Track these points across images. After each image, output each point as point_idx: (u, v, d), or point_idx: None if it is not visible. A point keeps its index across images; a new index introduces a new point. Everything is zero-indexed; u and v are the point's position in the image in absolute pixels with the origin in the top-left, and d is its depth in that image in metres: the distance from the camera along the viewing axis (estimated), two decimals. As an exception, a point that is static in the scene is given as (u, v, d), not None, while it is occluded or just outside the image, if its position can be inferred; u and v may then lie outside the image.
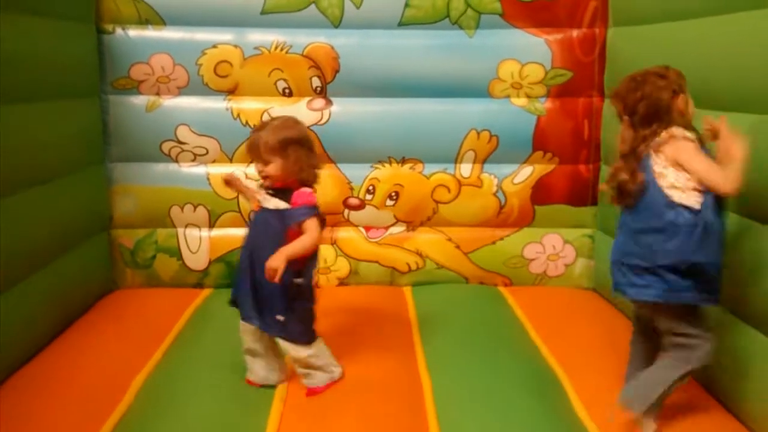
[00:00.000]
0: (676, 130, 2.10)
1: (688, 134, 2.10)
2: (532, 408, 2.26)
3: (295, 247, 2.29)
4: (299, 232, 2.33)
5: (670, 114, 2.12)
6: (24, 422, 2.19)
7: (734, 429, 2.18)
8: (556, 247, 3.57)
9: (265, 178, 2.37)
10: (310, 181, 2.43)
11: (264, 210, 2.40)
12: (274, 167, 2.33)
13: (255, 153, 2.36)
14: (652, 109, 2.12)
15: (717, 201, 2.04)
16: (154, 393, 2.43)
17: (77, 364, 2.63)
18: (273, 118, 2.48)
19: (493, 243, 3.56)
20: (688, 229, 2.02)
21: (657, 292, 2.08)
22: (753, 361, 2.16)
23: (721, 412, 2.29)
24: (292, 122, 2.43)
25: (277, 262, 2.21)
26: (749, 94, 2.25)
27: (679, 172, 2.06)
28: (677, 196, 2.05)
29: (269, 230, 2.36)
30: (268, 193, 2.39)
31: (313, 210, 2.38)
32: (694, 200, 2.03)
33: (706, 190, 2.02)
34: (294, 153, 2.34)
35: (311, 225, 2.35)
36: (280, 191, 2.37)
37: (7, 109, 2.51)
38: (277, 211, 2.36)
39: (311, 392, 2.40)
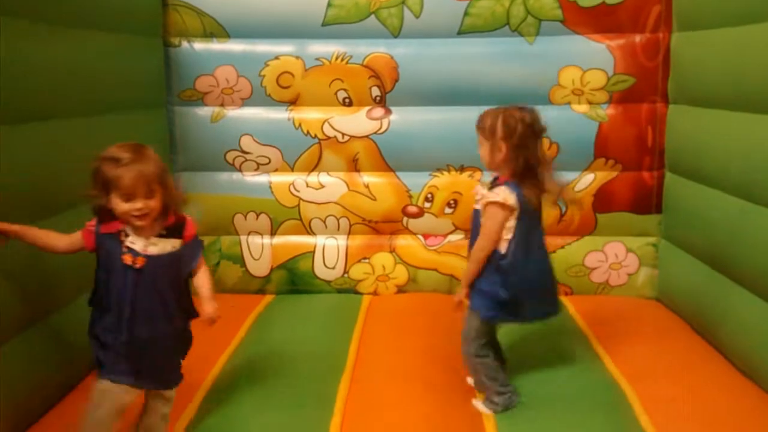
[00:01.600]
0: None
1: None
2: (596, 421, 2.23)
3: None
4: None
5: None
6: None
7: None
8: (619, 256, 3.51)
9: (145, 215, 1.96)
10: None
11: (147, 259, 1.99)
12: (156, 201, 1.98)
13: (142, 187, 1.94)
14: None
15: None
16: (218, 397, 2.49)
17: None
18: (119, 149, 1.99)
19: (554, 251, 3.51)
20: None
21: None
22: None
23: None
24: (145, 149, 2.04)
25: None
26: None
27: None
28: None
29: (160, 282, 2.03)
30: (159, 236, 2.04)
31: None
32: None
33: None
34: (169, 179, 2.07)
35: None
36: (168, 228, 2.07)
37: (80, 122, 2.62)
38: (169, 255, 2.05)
39: None
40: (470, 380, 2.54)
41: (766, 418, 2.26)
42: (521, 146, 2.32)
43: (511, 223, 2.33)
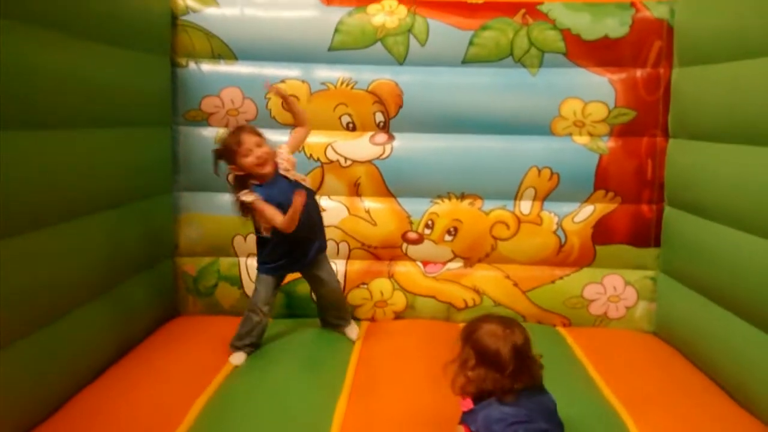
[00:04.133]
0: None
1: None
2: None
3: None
4: None
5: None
6: None
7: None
8: (617, 289, 3.51)
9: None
10: None
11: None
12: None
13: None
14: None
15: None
16: (213, 417, 2.46)
17: (137, 387, 2.66)
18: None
19: (553, 282, 3.52)
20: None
21: None
22: None
23: None
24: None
25: None
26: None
27: None
28: None
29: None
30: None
31: None
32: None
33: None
34: None
35: None
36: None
37: (83, 133, 2.63)
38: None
39: None
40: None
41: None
42: None
43: None
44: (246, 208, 2.97)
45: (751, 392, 2.53)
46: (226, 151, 2.97)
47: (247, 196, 2.94)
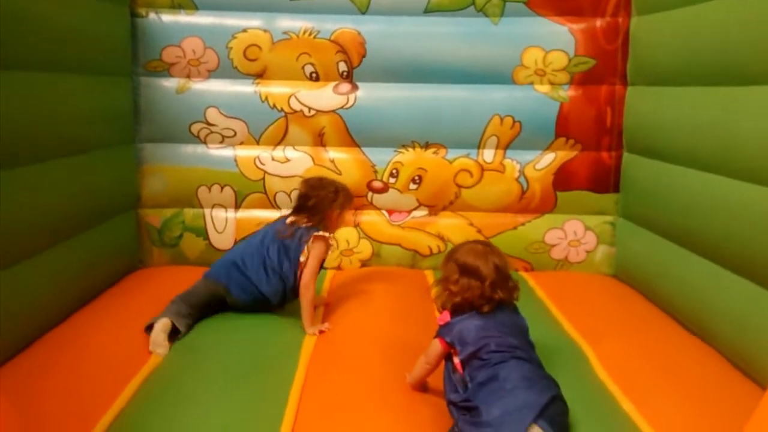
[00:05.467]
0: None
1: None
2: (556, 373, 2.27)
3: None
4: None
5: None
6: (42, 388, 2.19)
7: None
8: (578, 234, 3.60)
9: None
10: None
11: None
12: None
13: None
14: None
15: None
16: (179, 358, 2.47)
17: (102, 331, 2.66)
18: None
19: (515, 228, 3.59)
20: None
21: None
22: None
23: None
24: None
25: None
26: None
27: None
28: None
29: None
30: None
31: None
32: None
33: None
34: None
35: None
36: None
37: (41, 76, 2.59)
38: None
39: None
40: None
41: (711, 367, 2.38)
42: None
43: None
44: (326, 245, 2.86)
45: (705, 323, 2.62)
46: (340, 199, 2.90)
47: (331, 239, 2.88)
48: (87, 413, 2.04)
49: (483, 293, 2.10)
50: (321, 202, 2.85)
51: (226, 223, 3.58)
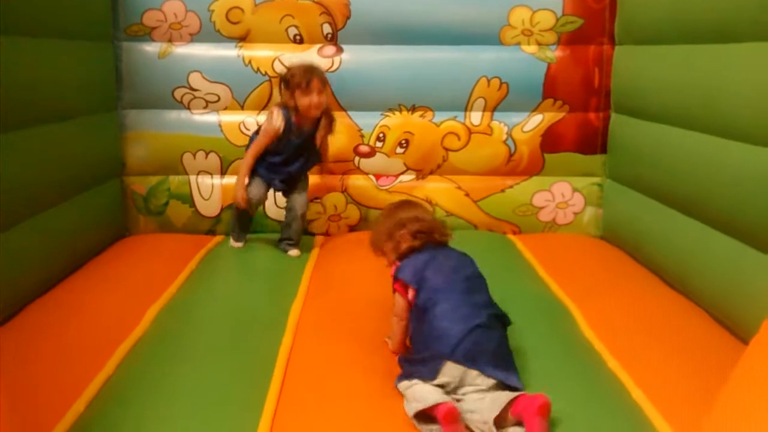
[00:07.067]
0: None
1: None
2: (542, 331, 2.30)
3: None
4: None
5: None
6: (31, 354, 2.17)
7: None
8: (565, 196, 3.59)
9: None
10: None
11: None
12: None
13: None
14: None
15: None
16: (168, 322, 2.46)
17: (90, 298, 2.65)
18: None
19: (503, 191, 3.58)
20: None
21: None
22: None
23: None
24: None
25: None
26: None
27: None
28: None
29: None
30: None
31: None
32: None
33: None
34: None
35: None
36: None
37: (17, 42, 2.52)
38: None
39: None
40: None
41: (695, 324, 2.41)
42: None
43: None
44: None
45: (690, 281, 2.64)
46: (290, 82, 3.07)
47: (277, 120, 3.10)
48: (76, 379, 2.02)
49: (413, 232, 2.20)
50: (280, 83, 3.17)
51: (212, 190, 3.55)
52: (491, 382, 1.84)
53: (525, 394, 1.77)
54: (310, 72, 3.09)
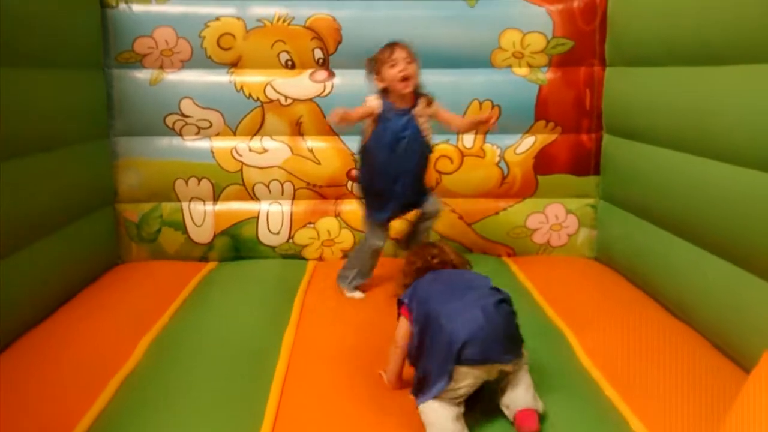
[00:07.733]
0: None
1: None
2: (539, 359, 2.27)
3: None
4: None
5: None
6: (24, 386, 2.16)
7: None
8: (559, 217, 3.59)
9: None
10: None
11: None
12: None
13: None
14: None
15: None
16: (160, 352, 2.44)
17: (83, 328, 2.62)
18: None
19: (496, 213, 3.57)
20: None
21: None
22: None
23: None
24: None
25: None
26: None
27: None
28: None
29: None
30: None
31: None
32: None
33: None
34: None
35: None
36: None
37: (8, 72, 2.52)
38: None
39: None
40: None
41: (693, 350, 2.39)
42: None
43: None
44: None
45: (686, 305, 2.63)
46: (375, 60, 2.91)
47: (373, 101, 2.92)
48: (69, 412, 2.01)
49: (427, 261, 2.33)
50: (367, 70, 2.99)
51: (204, 217, 3.53)
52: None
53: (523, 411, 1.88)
54: (391, 44, 2.90)
